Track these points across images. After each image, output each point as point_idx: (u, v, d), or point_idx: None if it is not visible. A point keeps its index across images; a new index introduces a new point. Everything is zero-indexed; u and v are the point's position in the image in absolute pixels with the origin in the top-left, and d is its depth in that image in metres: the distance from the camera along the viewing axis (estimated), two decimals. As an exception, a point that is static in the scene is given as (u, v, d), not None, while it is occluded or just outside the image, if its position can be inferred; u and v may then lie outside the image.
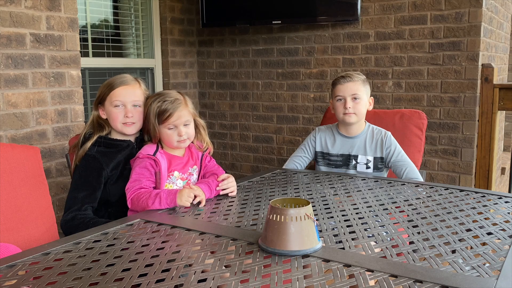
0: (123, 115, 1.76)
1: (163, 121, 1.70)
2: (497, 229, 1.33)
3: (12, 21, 2.34)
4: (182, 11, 3.88)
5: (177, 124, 1.70)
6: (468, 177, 3.03)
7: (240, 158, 3.99)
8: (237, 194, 1.76)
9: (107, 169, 1.73)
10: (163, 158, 1.72)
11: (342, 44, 3.37)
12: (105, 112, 1.80)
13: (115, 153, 1.77)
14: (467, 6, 2.91)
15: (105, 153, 1.75)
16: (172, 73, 3.84)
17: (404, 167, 2.07)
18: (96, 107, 1.82)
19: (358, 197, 1.68)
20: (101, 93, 1.80)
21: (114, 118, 1.77)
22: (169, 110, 1.69)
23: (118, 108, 1.76)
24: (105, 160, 1.74)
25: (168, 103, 1.70)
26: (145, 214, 1.52)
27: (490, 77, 2.92)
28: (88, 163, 1.73)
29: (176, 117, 1.69)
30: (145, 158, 1.70)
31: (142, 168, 1.68)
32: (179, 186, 1.76)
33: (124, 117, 1.76)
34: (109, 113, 1.78)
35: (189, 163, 1.81)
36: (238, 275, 1.03)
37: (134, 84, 1.81)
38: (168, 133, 1.71)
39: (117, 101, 1.76)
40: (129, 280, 1.01)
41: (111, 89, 1.77)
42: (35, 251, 1.21)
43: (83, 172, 1.73)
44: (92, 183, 1.71)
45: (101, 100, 1.80)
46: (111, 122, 1.79)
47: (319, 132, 2.25)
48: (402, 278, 1.00)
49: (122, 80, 1.79)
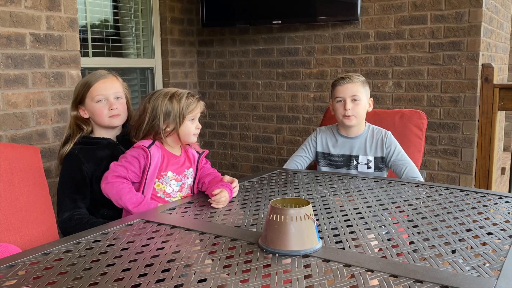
0: (107, 108, 1.77)
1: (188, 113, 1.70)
2: (497, 229, 1.33)
3: (12, 21, 2.34)
4: (182, 11, 3.88)
5: (195, 116, 1.73)
6: (468, 177, 3.02)
7: (240, 158, 3.99)
8: (237, 194, 1.76)
9: (86, 164, 1.73)
10: (158, 152, 1.70)
11: (342, 44, 3.37)
12: (86, 111, 1.80)
13: (94, 150, 1.77)
14: (467, 6, 2.91)
15: (83, 149, 1.76)
16: (172, 73, 3.84)
17: (404, 167, 2.07)
18: (75, 108, 1.81)
19: (358, 197, 1.68)
20: (78, 93, 1.79)
21: (99, 113, 1.78)
22: (193, 103, 1.72)
23: (101, 103, 1.77)
24: (83, 155, 1.74)
25: (190, 97, 1.72)
26: (145, 214, 1.52)
27: (490, 77, 2.92)
28: (68, 161, 1.75)
29: (198, 109, 1.73)
30: (139, 149, 1.68)
31: (133, 158, 1.67)
32: (172, 188, 1.73)
33: (109, 110, 1.77)
34: (93, 110, 1.78)
35: (185, 164, 1.78)
36: (238, 275, 1.03)
37: (111, 77, 1.82)
38: (188, 125, 1.71)
39: (99, 95, 1.77)
40: (129, 280, 1.01)
41: (89, 86, 1.77)
42: (35, 251, 1.21)
43: (66, 171, 1.75)
44: (76, 178, 1.72)
45: (81, 100, 1.79)
46: (97, 118, 1.79)
47: (320, 132, 2.26)
48: (402, 278, 1.00)
49: (98, 75, 1.80)
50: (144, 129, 1.71)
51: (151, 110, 1.69)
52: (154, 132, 1.71)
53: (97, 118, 1.79)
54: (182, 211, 1.55)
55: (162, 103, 1.68)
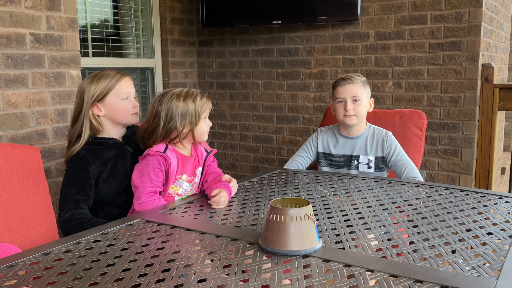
0: (131, 106, 1.82)
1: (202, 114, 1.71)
2: (497, 229, 1.33)
3: (12, 21, 2.34)
4: (182, 11, 3.88)
5: (207, 115, 1.75)
6: (468, 177, 3.02)
7: (240, 158, 3.99)
8: (237, 194, 1.76)
9: (93, 165, 1.73)
10: (173, 156, 1.69)
11: (342, 44, 3.37)
12: (103, 109, 1.79)
13: (101, 150, 1.77)
14: (467, 6, 2.91)
15: (90, 149, 1.76)
16: (172, 73, 3.84)
17: (404, 166, 2.07)
18: (91, 106, 1.78)
19: (358, 197, 1.68)
20: (101, 91, 1.78)
21: (124, 110, 1.80)
22: (206, 102, 1.74)
23: (127, 101, 1.81)
24: (90, 156, 1.74)
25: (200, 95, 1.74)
26: (145, 214, 1.52)
27: (490, 77, 2.92)
28: (74, 161, 1.75)
29: (209, 107, 1.76)
30: (156, 156, 1.66)
31: (155, 169, 1.65)
32: (184, 189, 1.75)
33: (132, 108, 1.82)
34: (117, 107, 1.79)
35: (196, 164, 1.79)
36: (238, 275, 1.03)
37: (128, 76, 1.87)
38: (202, 124, 1.72)
39: (125, 93, 1.81)
40: (129, 280, 1.01)
41: (115, 83, 1.79)
42: (35, 251, 1.21)
43: (71, 171, 1.74)
44: (81, 179, 1.72)
45: (102, 98, 1.78)
46: (120, 115, 1.80)
47: (321, 133, 2.26)
48: (402, 278, 1.00)
49: (119, 74, 1.83)
50: (160, 134, 1.68)
51: (166, 113, 1.66)
52: (169, 135, 1.68)
53: (121, 115, 1.80)
54: (182, 211, 1.55)
55: (177, 104, 1.66)
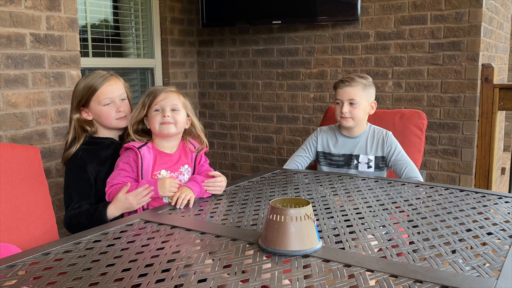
0: (115, 111, 1.79)
1: (151, 103, 1.71)
2: (497, 229, 1.33)
3: (12, 21, 2.34)
4: (182, 11, 3.88)
5: (163, 106, 1.70)
6: (468, 177, 3.02)
7: (240, 158, 3.99)
8: (237, 194, 1.76)
9: (90, 164, 1.74)
10: (149, 153, 1.70)
11: (342, 44, 3.37)
12: (90, 113, 1.80)
13: (98, 150, 1.78)
14: (467, 6, 2.91)
15: (87, 150, 1.77)
16: (172, 73, 3.84)
17: (404, 166, 2.07)
18: (77, 111, 1.80)
19: (358, 197, 1.68)
20: (82, 96, 1.78)
21: (106, 116, 1.78)
22: (157, 92, 1.73)
23: (108, 106, 1.78)
24: (87, 156, 1.75)
25: (158, 89, 1.76)
26: (145, 214, 1.52)
27: (490, 77, 2.92)
28: (72, 162, 1.76)
29: (162, 97, 1.71)
30: (129, 151, 1.69)
31: (124, 164, 1.69)
32: None
33: (116, 113, 1.79)
34: (99, 113, 1.78)
35: (180, 161, 1.76)
36: (238, 275, 1.03)
37: (114, 78, 1.82)
38: (153, 115, 1.71)
39: (106, 99, 1.77)
40: (129, 280, 1.01)
41: (95, 89, 1.77)
42: (35, 251, 1.21)
43: (70, 172, 1.76)
44: (81, 178, 1.73)
45: (85, 103, 1.79)
46: (104, 120, 1.80)
47: (321, 132, 2.26)
48: (402, 278, 1.00)
49: (102, 78, 1.79)
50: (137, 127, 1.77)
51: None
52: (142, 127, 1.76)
53: (104, 120, 1.79)
54: (182, 211, 1.55)
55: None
